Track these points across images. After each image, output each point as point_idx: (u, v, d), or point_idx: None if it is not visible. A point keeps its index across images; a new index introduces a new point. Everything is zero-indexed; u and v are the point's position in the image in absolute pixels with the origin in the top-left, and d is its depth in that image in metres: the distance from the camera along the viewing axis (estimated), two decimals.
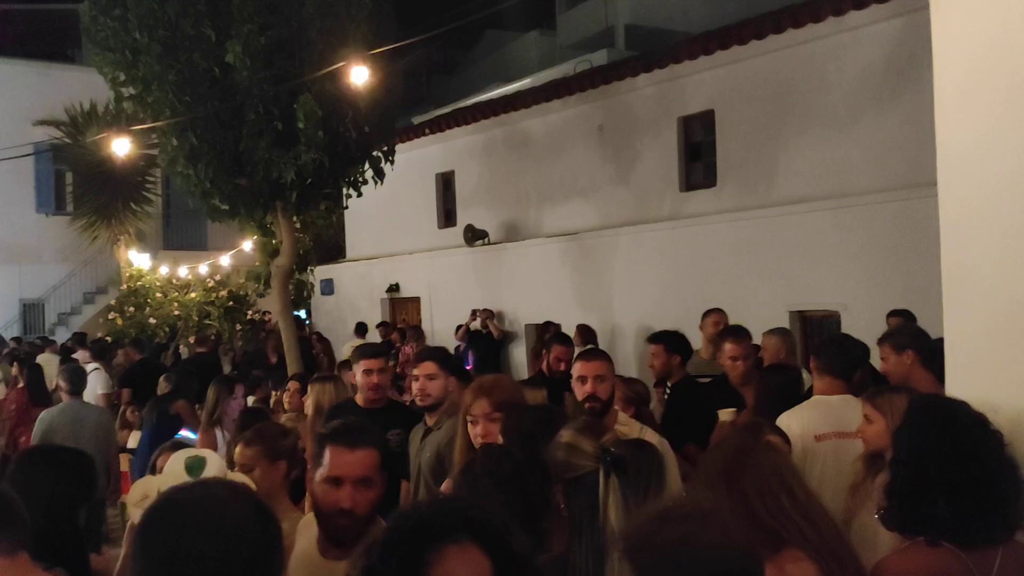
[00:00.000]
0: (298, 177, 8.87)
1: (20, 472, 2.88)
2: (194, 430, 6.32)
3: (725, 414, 4.35)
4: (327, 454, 2.38)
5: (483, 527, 1.44)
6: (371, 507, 2.36)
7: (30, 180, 20.04)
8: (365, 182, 9.91)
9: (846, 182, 8.43)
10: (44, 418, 6.80)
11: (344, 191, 9.96)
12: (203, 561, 1.29)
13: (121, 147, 8.31)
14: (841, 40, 8.57)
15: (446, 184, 14.19)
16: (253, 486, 2.34)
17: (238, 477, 2.91)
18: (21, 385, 9.67)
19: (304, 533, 2.56)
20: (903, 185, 7.73)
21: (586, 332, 9.33)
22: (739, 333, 4.80)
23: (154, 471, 3.84)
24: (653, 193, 10.53)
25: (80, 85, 17.12)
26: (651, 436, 3.32)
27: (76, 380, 7.11)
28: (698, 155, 10.27)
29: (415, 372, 4.05)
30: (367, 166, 9.84)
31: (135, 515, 2.70)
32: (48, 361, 11.91)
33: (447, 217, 14.15)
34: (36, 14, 22.77)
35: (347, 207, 10.55)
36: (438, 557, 1.37)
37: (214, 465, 2.74)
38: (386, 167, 9.94)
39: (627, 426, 3.53)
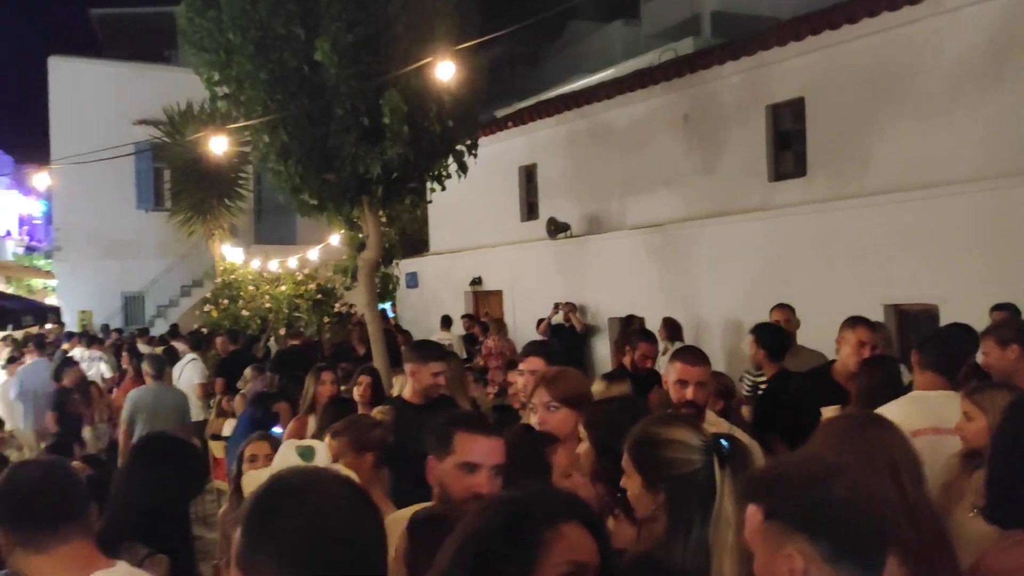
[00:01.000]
0: (384, 172, 8.99)
1: (137, 460, 2.99)
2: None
3: (830, 411, 4.20)
4: (459, 440, 2.37)
5: (586, 510, 1.51)
6: None
7: (131, 178, 20.96)
8: (449, 176, 9.99)
9: (944, 170, 8.08)
10: (131, 397, 8.04)
11: (428, 185, 10.05)
12: (317, 542, 1.30)
13: (219, 145, 8.59)
14: (939, 23, 8.21)
15: (529, 177, 14.20)
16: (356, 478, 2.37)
17: (342, 469, 2.97)
18: (131, 375, 10.15)
19: (394, 531, 2.58)
20: (1006, 173, 7.37)
21: (671, 326, 9.21)
22: (868, 320, 4.55)
23: (240, 460, 3.95)
24: (740, 183, 10.31)
25: (177, 86, 17.80)
26: (740, 434, 3.24)
27: (158, 366, 8.27)
28: (787, 144, 10.00)
29: (521, 367, 4.02)
30: (451, 160, 9.91)
31: None
32: (145, 351, 12.46)
33: (529, 210, 14.16)
34: (134, 18, 23.79)
35: (431, 201, 10.65)
36: (555, 536, 1.42)
37: (322, 454, 2.81)
38: (469, 161, 10.00)
39: (715, 426, 3.45)
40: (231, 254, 18.29)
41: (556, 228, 12.68)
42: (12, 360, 12.62)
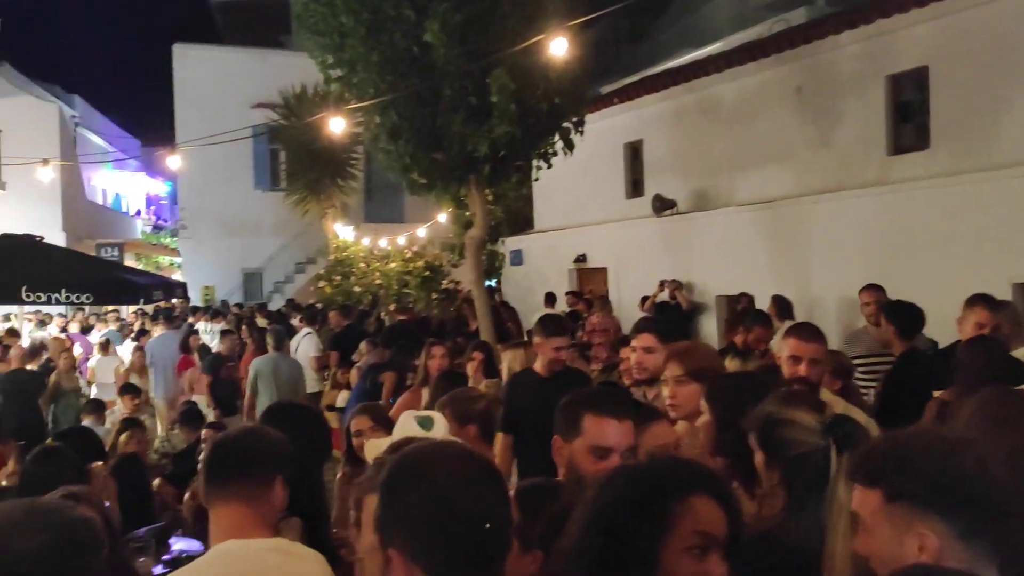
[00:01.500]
0: (491, 150, 9.11)
1: (268, 424, 3.15)
2: (392, 401, 6.73)
3: (941, 394, 4.05)
4: (588, 422, 2.30)
5: (714, 481, 1.54)
6: None
7: (249, 159, 21.84)
8: (555, 153, 10.02)
9: None
10: (254, 365, 9.00)
11: (534, 163, 10.11)
12: (452, 510, 1.34)
13: (337, 126, 8.87)
14: None
15: (634, 153, 14.07)
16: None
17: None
18: (251, 347, 10.68)
19: None
20: None
21: (782, 304, 8.99)
22: (991, 299, 4.37)
23: (348, 434, 4.10)
24: (856, 157, 9.94)
25: (292, 69, 18.40)
26: (857, 415, 3.18)
27: (278, 337, 9.36)
28: (908, 115, 9.56)
29: (633, 344, 4.03)
30: (557, 137, 9.94)
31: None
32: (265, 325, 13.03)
33: (635, 187, 14.04)
34: (251, 5, 24.62)
35: (537, 179, 10.71)
36: (684, 508, 1.46)
37: (441, 424, 2.90)
38: (575, 138, 10.00)
39: (832, 404, 3.38)
40: (343, 232, 18.87)
41: (662, 205, 12.54)
42: (142, 333, 13.44)
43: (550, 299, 13.70)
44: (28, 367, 9.67)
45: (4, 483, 6.96)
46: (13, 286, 9.25)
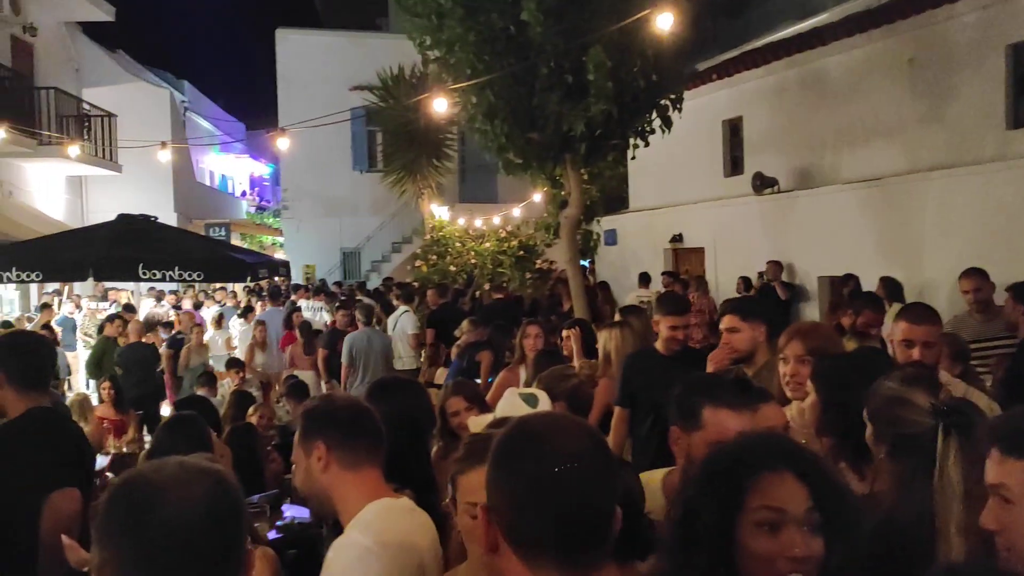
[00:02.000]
0: (587, 129, 9.05)
1: (371, 400, 3.24)
2: (492, 379, 6.81)
3: None
4: (709, 415, 2.18)
5: (798, 457, 1.53)
6: None
7: (347, 141, 22.31)
8: (652, 131, 9.88)
9: None
10: (348, 339, 9.49)
11: (631, 141, 9.99)
12: (560, 486, 1.31)
13: (440, 106, 8.98)
14: None
15: (733, 131, 13.75)
16: None
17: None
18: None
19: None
20: None
21: (891, 286, 8.67)
22: None
23: (443, 414, 4.16)
24: (972, 132, 9.44)
25: (389, 52, 18.69)
26: (978, 398, 3.05)
27: (367, 313, 9.91)
28: None
29: (720, 326, 4.00)
30: (654, 115, 9.80)
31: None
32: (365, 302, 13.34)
33: (734, 165, 13.73)
34: None
35: (634, 157, 10.57)
36: (756, 484, 1.47)
37: (545, 402, 2.93)
38: (674, 116, 9.84)
39: (951, 386, 3.26)
40: (438, 212, 19.12)
41: (763, 183, 12.22)
42: (249, 310, 13.96)
43: (645, 279, 13.57)
44: (144, 340, 10.19)
45: (125, 450, 7.40)
46: (131, 264, 9.72)
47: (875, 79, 10.73)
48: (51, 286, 15.06)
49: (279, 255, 21.50)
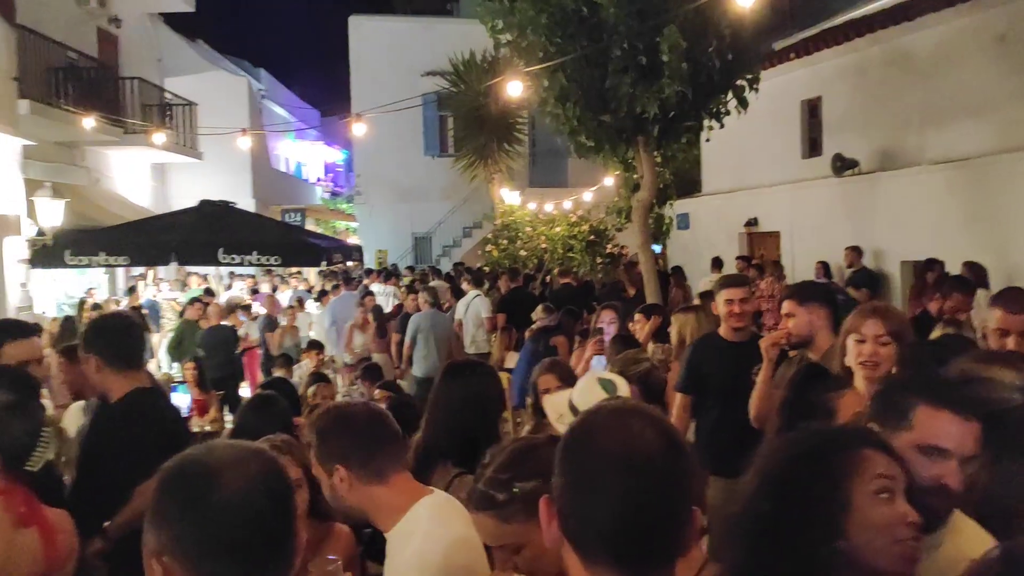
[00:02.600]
0: (661, 111, 8.92)
1: (442, 383, 3.25)
2: None
3: None
4: (922, 416, 1.87)
5: (880, 440, 1.56)
6: None
7: (419, 126, 22.49)
8: (728, 113, 9.68)
9: None
10: (413, 320, 9.88)
11: (706, 123, 9.80)
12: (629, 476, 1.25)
13: (514, 89, 8.98)
14: None
15: (811, 111, 13.37)
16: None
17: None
18: (362, 313, 11.22)
19: None
20: None
21: (976, 271, 8.34)
22: None
23: (535, 390, 4.17)
24: None
25: (460, 37, 18.72)
26: None
27: (433, 295, 10.30)
28: None
29: (781, 313, 3.93)
30: (730, 96, 9.59)
31: (560, 429, 2.98)
32: (439, 286, 13.47)
33: (812, 146, 13.36)
34: None
35: (709, 139, 10.37)
36: (859, 457, 1.48)
37: (623, 387, 2.91)
38: (750, 96, 9.61)
39: None
40: (508, 197, 19.12)
41: (843, 165, 11.87)
42: (323, 294, 14.23)
43: (717, 264, 13.36)
44: (225, 323, 10.49)
45: (208, 428, 7.64)
46: (212, 248, 10.02)
47: (963, 56, 10.29)
48: (136, 270, 15.62)
49: (352, 240, 21.84)
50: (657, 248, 17.74)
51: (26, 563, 2.45)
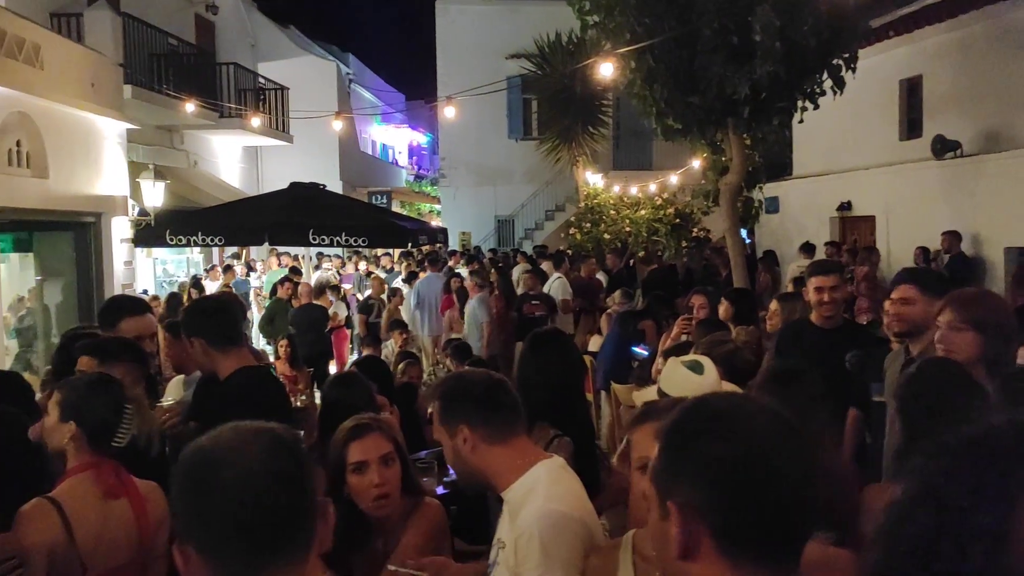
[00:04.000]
0: (752, 92, 8.71)
1: (531, 351, 3.29)
2: (651, 349, 6.75)
3: None
4: None
5: None
6: None
7: (503, 110, 22.51)
8: (822, 93, 9.39)
9: None
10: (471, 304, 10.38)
11: (799, 103, 9.53)
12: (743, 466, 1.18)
13: (606, 70, 8.88)
14: None
15: (911, 91, 12.85)
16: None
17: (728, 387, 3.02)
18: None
19: None
20: None
21: None
22: None
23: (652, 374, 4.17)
24: None
25: (545, 19, 18.66)
26: None
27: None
28: None
29: (892, 295, 3.81)
30: (825, 76, 9.29)
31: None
32: (520, 270, 13.51)
33: (911, 128, 12.85)
34: None
35: (802, 121, 10.09)
36: None
37: (711, 370, 2.88)
38: (847, 76, 9.30)
39: None
40: (592, 179, 19.02)
41: (943, 147, 11.38)
42: (412, 276, 14.44)
43: (808, 249, 13.00)
44: (315, 302, 10.76)
45: (298, 404, 7.87)
46: (302, 229, 10.27)
47: None
48: (230, 250, 16.16)
49: (436, 223, 22.08)
50: (744, 232, 17.43)
51: (119, 532, 2.56)
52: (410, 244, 12.39)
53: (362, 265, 16.21)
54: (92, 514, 2.51)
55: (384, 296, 12.19)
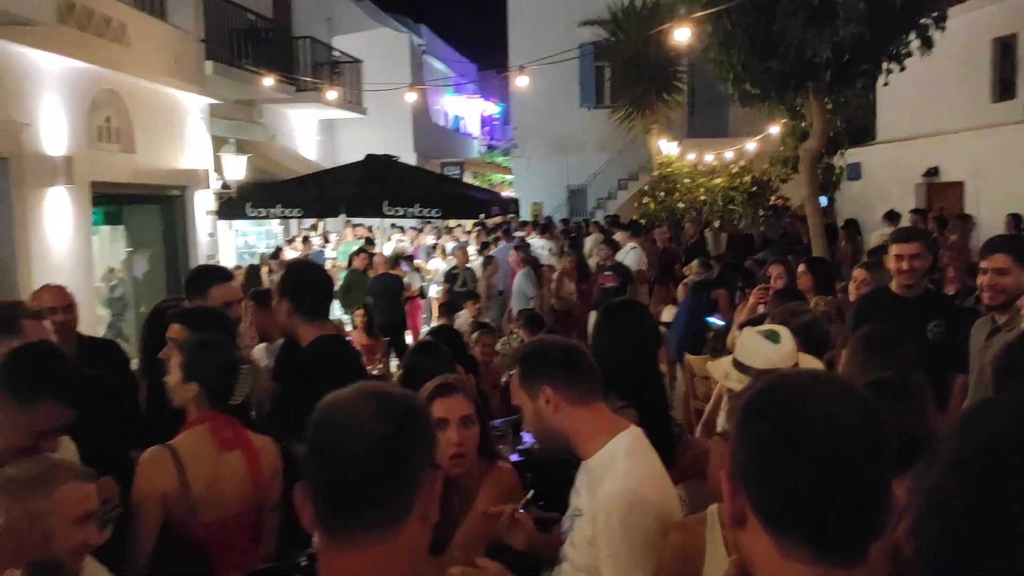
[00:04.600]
0: (834, 54, 8.45)
1: (603, 320, 3.29)
2: (724, 319, 6.66)
3: None
4: None
5: None
6: None
7: (575, 78, 22.29)
8: (909, 54, 9.02)
9: None
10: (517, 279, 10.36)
11: (884, 66, 9.17)
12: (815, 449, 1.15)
13: (682, 35, 8.71)
14: None
15: (1004, 50, 12.25)
16: None
17: (811, 362, 2.98)
18: (570, 261, 11.19)
19: None
20: None
21: None
22: None
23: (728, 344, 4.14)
24: None
25: None
26: None
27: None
28: None
29: (983, 265, 3.67)
30: (912, 36, 8.93)
31: (728, 385, 2.97)
32: (593, 240, 13.46)
33: (1003, 89, 12.28)
34: None
35: (887, 83, 9.71)
36: None
37: (788, 339, 2.84)
38: (935, 35, 8.91)
39: None
40: (666, 148, 18.71)
41: None
42: (485, 246, 14.53)
43: (892, 217, 12.59)
44: (392, 272, 10.94)
45: (375, 372, 8.05)
46: (377, 200, 10.43)
47: None
48: (307, 222, 16.48)
49: (507, 193, 22.10)
50: (823, 200, 16.95)
51: (232, 483, 2.72)
52: (482, 215, 12.46)
53: (429, 238, 16.38)
54: (206, 464, 2.67)
55: (469, 266, 12.29)
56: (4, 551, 1.90)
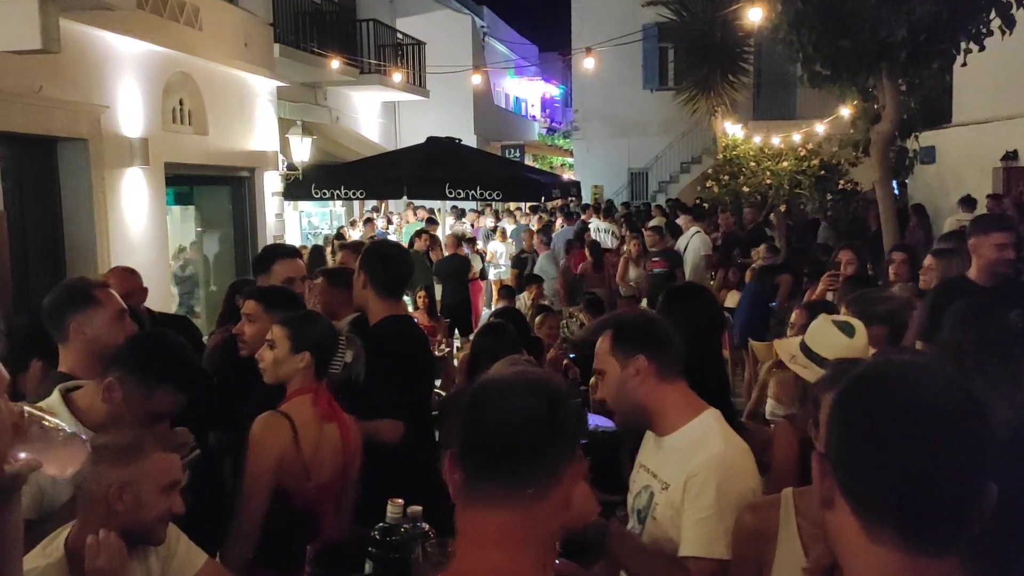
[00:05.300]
0: (909, 34, 8.17)
1: (665, 305, 3.28)
2: (780, 305, 6.57)
3: None
4: None
5: None
6: None
7: (638, 60, 22.08)
8: (990, 33, 8.69)
9: None
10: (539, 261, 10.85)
11: (962, 45, 8.85)
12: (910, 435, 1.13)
13: (755, 16, 8.55)
14: None
15: None
16: None
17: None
18: (635, 245, 11.10)
19: None
20: None
21: None
22: None
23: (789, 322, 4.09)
24: None
25: None
26: None
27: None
28: None
29: None
30: (992, 14, 8.59)
31: (794, 368, 2.94)
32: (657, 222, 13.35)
33: None
34: None
35: (965, 64, 9.37)
36: None
37: (862, 333, 2.79)
38: (1017, 13, 8.56)
39: None
40: (731, 130, 18.39)
41: None
42: (547, 227, 14.55)
43: (968, 203, 12.18)
44: (458, 253, 11.03)
45: (437, 354, 8.13)
46: (439, 183, 10.50)
47: None
48: (370, 203, 16.70)
49: (568, 176, 22.03)
50: (894, 185, 16.48)
51: (330, 452, 2.83)
52: (543, 198, 12.44)
53: (488, 221, 16.43)
54: (312, 431, 2.77)
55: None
56: (98, 515, 2.01)
